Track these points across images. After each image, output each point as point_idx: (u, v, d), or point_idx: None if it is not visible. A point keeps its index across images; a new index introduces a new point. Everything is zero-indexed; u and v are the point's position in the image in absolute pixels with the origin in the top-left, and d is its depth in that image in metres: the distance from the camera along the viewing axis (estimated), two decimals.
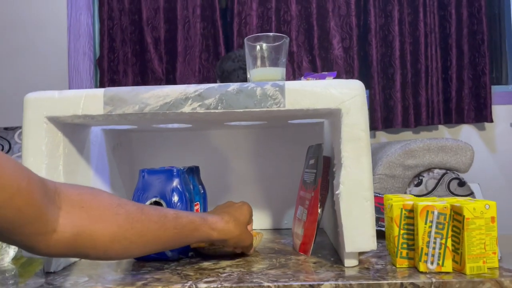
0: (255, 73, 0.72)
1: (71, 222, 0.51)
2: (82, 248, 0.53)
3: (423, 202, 0.62)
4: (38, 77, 2.34)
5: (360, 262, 0.68)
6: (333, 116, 0.71)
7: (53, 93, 0.68)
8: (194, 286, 0.58)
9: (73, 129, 0.74)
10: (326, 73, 0.77)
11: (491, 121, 2.42)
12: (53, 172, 0.68)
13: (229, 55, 1.83)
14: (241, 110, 0.66)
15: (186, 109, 0.66)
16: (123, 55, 2.48)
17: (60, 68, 2.40)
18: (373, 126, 2.33)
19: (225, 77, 1.79)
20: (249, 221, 0.73)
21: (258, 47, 0.71)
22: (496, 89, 2.51)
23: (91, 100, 0.67)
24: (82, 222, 0.52)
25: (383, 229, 0.83)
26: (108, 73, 2.47)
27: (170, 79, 2.45)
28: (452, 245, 0.61)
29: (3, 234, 0.47)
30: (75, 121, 0.70)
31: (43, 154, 0.66)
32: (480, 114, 2.43)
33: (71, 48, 2.42)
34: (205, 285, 0.58)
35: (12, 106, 1.86)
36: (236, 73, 1.77)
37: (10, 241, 0.50)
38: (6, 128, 2.08)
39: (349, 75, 2.36)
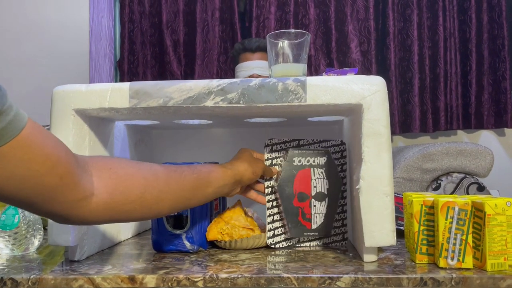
0: (277, 69, 0.73)
1: (104, 184, 0.54)
2: (120, 205, 0.55)
3: (444, 198, 0.62)
4: (60, 78, 2.39)
5: (379, 258, 0.68)
6: (354, 112, 0.71)
7: (80, 86, 0.70)
8: (215, 276, 0.59)
9: (99, 122, 0.76)
10: (348, 69, 0.77)
11: (511, 127, 2.38)
12: None
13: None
14: (263, 105, 0.67)
15: (209, 103, 0.67)
16: (143, 58, 2.52)
17: (82, 69, 2.45)
18: (391, 130, 2.31)
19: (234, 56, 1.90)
20: (260, 174, 0.76)
21: (280, 43, 0.72)
22: None
23: (117, 94, 0.69)
24: (113, 182, 0.55)
25: (402, 228, 0.83)
26: (128, 75, 2.51)
27: None
28: (473, 241, 0.61)
29: (46, 204, 0.49)
30: (101, 114, 0.72)
31: (70, 145, 0.68)
32: (500, 120, 2.39)
33: (93, 50, 2.47)
34: (226, 275, 0.59)
35: (35, 105, 1.90)
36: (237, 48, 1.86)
37: (52, 212, 0.51)
38: None
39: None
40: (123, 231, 0.87)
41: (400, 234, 0.79)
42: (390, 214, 0.65)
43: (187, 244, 0.74)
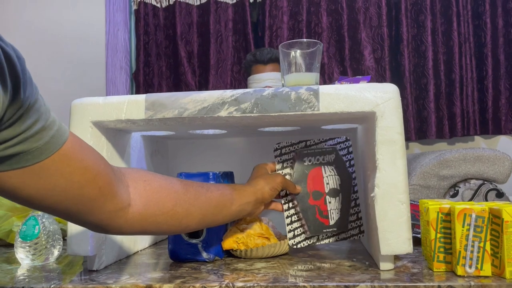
0: (290, 78, 0.73)
1: (139, 195, 0.57)
2: (153, 216, 0.58)
3: (460, 205, 0.61)
4: (77, 90, 2.44)
5: (396, 266, 0.67)
6: (367, 120, 0.71)
7: (97, 99, 0.71)
8: (231, 284, 0.60)
9: (115, 134, 0.78)
10: (360, 77, 0.77)
11: None
12: None
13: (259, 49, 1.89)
14: (276, 114, 0.68)
15: (223, 113, 0.68)
16: (158, 69, 2.55)
17: (98, 82, 2.49)
18: (406, 137, 2.30)
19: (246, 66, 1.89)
20: (280, 188, 0.76)
21: (292, 53, 0.73)
22: None
23: (133, 105, 0.70)
24: (148, 193, 0.57)
25: (418, 235, 0.83)
26: (144, 86, 2.55)
27: None
28: (491, 248, 0.60)
29: (86, 214, 0.52)
30: (118, 126, 0.73)
31: None
32: None
33: (109, 63, 2.51)
34: (242, 284, 0.60)
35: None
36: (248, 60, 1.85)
37: (91, 222, 0.53)
38: None
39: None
40: (140, 241, 0.88)
41: (417, 241, 0.78)
42: (406, 221, 0.64)
43: (203, 253, 0.74)
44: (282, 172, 0.81)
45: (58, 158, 0.46)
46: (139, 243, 0.87)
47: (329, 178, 0.79)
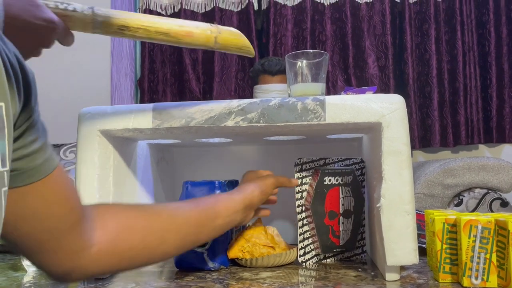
0: (296, 88, 0.74)
1: (106, 230, 0.52)
2: (121, 252, 0.52)
3: (466, 217, 0.61)
4: (82, 96, 2.46)
5: (401, 277, 0.67)
6: (373, 130, 0.71)
7: (105, 108, 0.72)
8: None
9: (122, 142, 0.78)
10: (366, 87, 0.78)
11: None
12: (104, 183, 0.72)
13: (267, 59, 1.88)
14: (282, 124, 0.68)
15: (230, 123, 0.69)
16: (163, 76, 2.57)
17: (104, 88, 2.51)
18: (410, 145, 2.30)
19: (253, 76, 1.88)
20: (271, 191, 0.73)
21: (298, 63, 0.73)
22: None
23: (141, 115, 0.71)
24: (116, 229, 0.53)
25: (424, 245, 0.82)
26: (148, 93, 2.56)
27: (207, 98, 2.51)
28: (497, 260, 0.60)
29: (50, 252, 0.47)
30: (125, 134, 0.74)
31: (95, 165, 0.70)
32: None
33: (114, 69, 2.53)
34: None
35: (58, 124, 1.95)
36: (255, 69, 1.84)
37: (52, 263, 0.49)
38: (53, 145, 2.18)
39: (385, 93, 2.35)
40: None
41: (422, 251, 0.78)
42: (412, 232, 0.64)
43: (209, 262, 0.75)
44: (301, 188, 0.80)
45: (48, 182, 0.44)
46: None
47: (345, 199, 0.79)
